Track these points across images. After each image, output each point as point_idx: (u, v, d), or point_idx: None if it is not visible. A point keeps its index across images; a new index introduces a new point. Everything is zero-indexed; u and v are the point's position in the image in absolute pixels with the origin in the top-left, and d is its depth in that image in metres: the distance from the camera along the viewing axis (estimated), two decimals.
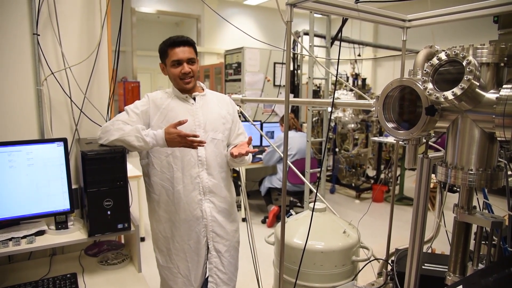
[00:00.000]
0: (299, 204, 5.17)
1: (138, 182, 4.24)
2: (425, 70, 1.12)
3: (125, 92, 11.16)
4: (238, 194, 5.24)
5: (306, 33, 5.27)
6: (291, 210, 2.59)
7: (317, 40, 5.53)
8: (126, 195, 1.87)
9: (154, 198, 2.12)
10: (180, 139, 1.84)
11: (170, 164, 2.05)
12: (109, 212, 1.80)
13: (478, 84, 1.04)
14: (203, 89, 2.18)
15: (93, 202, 1.78)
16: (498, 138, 1.09)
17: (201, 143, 1.87)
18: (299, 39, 6.01)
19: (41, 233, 1.89)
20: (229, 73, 6.57)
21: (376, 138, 6.15)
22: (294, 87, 6.19)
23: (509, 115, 1.02)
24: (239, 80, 6.21)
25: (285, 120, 1.50)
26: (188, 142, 1.84)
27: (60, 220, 1.94)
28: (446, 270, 1.37)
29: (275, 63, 6.18)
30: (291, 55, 6.22)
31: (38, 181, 1.87)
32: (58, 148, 1.90)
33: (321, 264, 1.92)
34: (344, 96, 6.38)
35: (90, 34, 2.25)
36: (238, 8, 13.25)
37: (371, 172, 7.08)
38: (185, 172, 2.05)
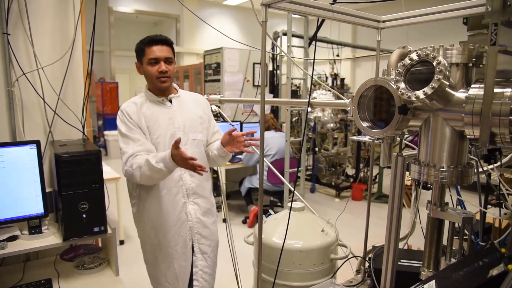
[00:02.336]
0: (279, 204, 5.19)
1: (117, 184, 4.18)
2: (397, 70, 1.15)
3: (103, 93, 10.98)
4: (218, 194, 5.25)
5: (285, 34, 5.29)
6: (270, 210, 2.60)
7: (296, 41, 5.57)
8: (102, 198, 1.84)
9: (139, 204, 2.07)
10: (183, 161, 1.76)
11: None
12: (84, 215, 1.76)
13: (448, 83, 1.06)
14: (177, 90, 2.15)
15: (68, 205, 1.74)
16: (468, 136, 1.12)
17: (201, 169, 1.78)
18: (278, 40, 6.04)
19: (13, 238, 1.84)
20: (209, 73, 6.55)
21: (354, 137, 6.22)
22: (273, 87, 6.21)
23: (477, 114, 1.05)
24: (219, 80, 6.19)
25: (261, 120, 1.50)
26: (189, 165, 1.77)
27: (33, 224, 1.89)
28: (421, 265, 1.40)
29: (254, 63, 6.19)
30: (271, 55, 6.24)
31: (10, 185, 1.81)
32: (31, 150, 1.85)
33: (300, 263, 1.93)
34: (323, 96, 6.43)
35: (64, 33, 2.20)
36: (217, 8, 13.21)
37: (350, 171, 7.17)
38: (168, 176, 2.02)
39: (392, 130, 1.21)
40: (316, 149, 6.75)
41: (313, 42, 4.60)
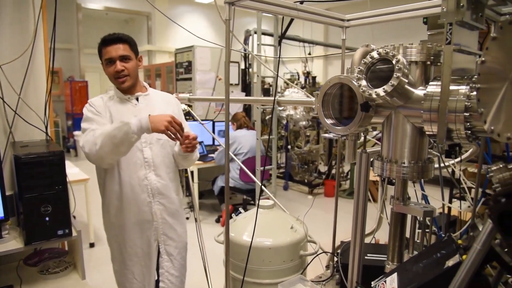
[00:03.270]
0: (252, 202, 5.20)
1: (86, 186, 4.07)
2: (359, 68, 1.16)
3: (72, 92, 10.66)
4: (191, 194, 5.20)
5: (265, 33, 5.29)
6: (240, 208, 2.63)
7: (270, 39, 5.58)
8: (66, 200, 1.79)
9: (105, 202, 2.04)
10: (168, 123, 1.72)
11: (117, 167, 1.98)
12: (47, 218, 1.71)
13: (407, 81, 1.09)
14: (146, 89, 2.12)
15: (29, 208, 1.68)
16: (427, 132, 1.15)
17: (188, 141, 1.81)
18: (250, 38, 6.04)
19: None
20: (180, 72, 6.48)
21: (326, 135, 6.28)
22: (245, 86, 6.21)
23: (435, 111, 1.08)
24: (190, 79, 6.14)
25: (226, 118, 1.49)
26: (173, 130, 1.74)
27: None
28: None
29: None
30: (243, 53, 6.23)
31: None
32: None
33: (269, 260, 1.94)
34: (295, 94, 6.48)
35: (24, 30, 2.12)
36: (189, 6, 13.05)
37: (323, 168, 7.26)
38: (132, 175, 1.99)
39: (355, 127, 1.23)
40: (289, 147, 6.80)
41: (282, 41, 4.61)
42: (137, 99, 2.05)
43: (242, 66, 6.47)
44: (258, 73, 4.23)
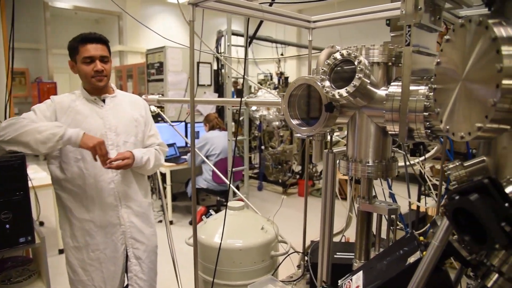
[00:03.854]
0: (225, 203, 5.18)
1: (53, 190, 3.95)
2: (322, 69, 1.18)
3: (40, 94, 10.32)
4: (164, 197, 5.12)
5: (232, 33, 5.26)
6: (210, 210, 2.63)
7: (242, 40, 5.57)
8: (28, 206, 1.73)
9: (66, 205, 1.98)
10: (98, 143, 1.76)
11: (81, 169, 1.93)
12: (7, 226, 1.64)
13: (369, 81, 1.11)
14: (113, 91, 2.09)
15: None
16: (389, 132, 1.18)
17: (108, 164, 1.81)
18: (222, 39, 6.02)
19: None
20: (152, 73, 6.39)
21: (299, 135, 6.35)
22: (218, 87, 6.18)
23: (396, 110, 1.11)
24: (162, 80, 6.06)
25: (191, 120, 1.48)
26: (99, 152, 1.77)
27: None
28: None
29: (199, 63, 6.12)
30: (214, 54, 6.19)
31: None
32: None
33: (240, 262, 1.93)
34: (268, 94, 6.50)
35: None
36: (162, 6, 12.87)
37: (296, 168, 7.31)
38: (98, 178, 1.95)
39: (320, 127, 1.25)
40: (263, 147, 6.82)
41: (255, 42, 4.61)
42: (103, 100, 2.01)
43: (215, 67, 6.44)
44: (229, 74, 4.22)
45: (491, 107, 0.68)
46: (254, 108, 6.18)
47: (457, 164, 0.92)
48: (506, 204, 0.66)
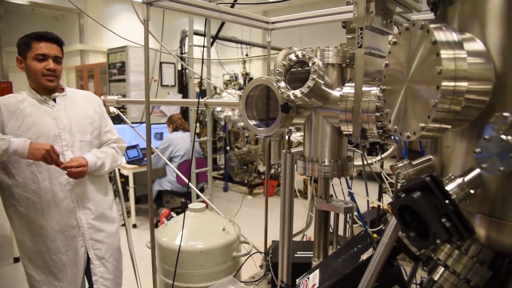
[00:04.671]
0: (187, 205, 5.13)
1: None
2: (278, 70, 1.18)
3: None
4: (127, 199, 5.01)
5: (195, 33, 5.21)
6: (172, 213, 2.62)
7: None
8: None
9: (20, 211, 1.90)
10: (46, 152, 1.71)
11: (34, 173, 1.86)
12: None
13: (323, 82, 1.13)
14: (63, 89, 2.02)
15: None
16: (344, 132, 1.20)
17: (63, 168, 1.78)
18: (186, 39, 5.95)
19: None
20: (113, 73, 6.23)
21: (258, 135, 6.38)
22: (182, 87, 6.11)
23: (350, 111, 1.13)
24: (124, 80, 5.92)
25: (146, 122, 1.45)
26: (49, 159, 1.73)
27: None
28: None
29: (162, 63, 6.02)
30: (178, 54, 6.12)
31: None
32: None
33: (202, 264, 1.92)
34: (233, 95, 6.50)
35: None
36: (125, 4, 12.53)
37: (262, 168, 7.34)
38: (53, 181, 1.88)
39: (277, 128, 1.26)
40: (228, 148, 6.80)
41: (219, 42, 4.59)
42: (54, 100, 1.95)
43: (179, 67, 6.36)
44: (191, 75, 4.18)
45: (432, 108, 0.71)
46: (219, 108, 6.15)
47: (406, 163, 0.96)
48: (447, 201, 0.69)
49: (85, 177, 1.95)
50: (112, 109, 2.62)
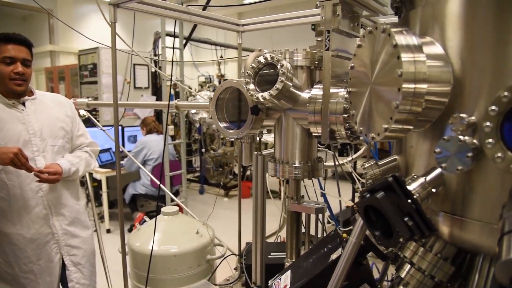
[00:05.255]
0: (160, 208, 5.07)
1: None
2: (247, 73, 1.19)
3: None
4: (100, 204, 4.90)
5: (169, 34, 5.15)
6: (145, 217, 2.58)
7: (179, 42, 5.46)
8: None
9: None
10: (14, 156, 1.65)
11: (3, 181, 1.81)
12: None
13: (291, 84, 1.14)
14: (32, 93, 1.96)
15: None
16: (313, 134, 1.21)
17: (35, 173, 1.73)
18: (159, 40, 5.88)
19: None
20: (85, 74, 6.10)
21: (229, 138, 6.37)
22: (156, 89, 6.04)
23: (318, 113, 1.15)
24: (96, 82, 5.80)
25: (115, 124, 1.43)
26: (18, 163, 1.67)
27: None
28: None
29: (135, 65, 5.92)
30: (151, 55, 6.05)
31: None
32: None
33: (175, 268, 1.90)
34: (203, 97, 6.45)
35: None
36: (96, 5, 12.26)
37: (238, 170, 7.33)
38: (24, 187, 1.83)
39: (247, 130, 1.26)
40: (203, 150, 6.76)
41: (193, 44, 4.55)
42: (23, 104, 1.88)
43: (152, 69, 6.28)
44: (163, 77, 4.13)
45: (394, 109, 0.73)
46: (193, 111, 6.10)
47: (372, 163, 0.97)
48: (409, 201, 0.71)
49: (58, 182, 1.90)
50: (82, 112, 2.56)
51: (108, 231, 4.92)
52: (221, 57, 7.82)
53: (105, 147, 4.88)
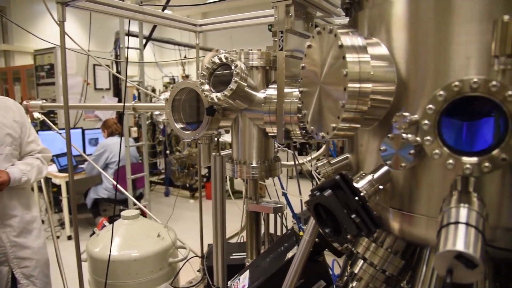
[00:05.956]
0: (120, 212, 4.95)
1: None
2: (201, 73, 1.18)
3: None
4: (61, 210, 4.72)
5: (130, 34, 5.03)
6: (104, 222, 2.51)
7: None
8: None
9: None
10: None
11: None
12: None
13: (246, 85, 1.14)
14: None
15: None
16: (269, 134, 1.22)
17: None
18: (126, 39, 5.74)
19: None
20: (41, 75, 5.86)
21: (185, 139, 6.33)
22: (118, 91, 5.90)
23: (273, 112, 1.15)
24: (54, 83, 5.58)
25: (66, 127, 1.38)
26: None
27: None
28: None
29: (95, 65, 5.75)
30: (113, 56, 5.90)
31: None
32: None
33: (136, 273, 1.85)
34: (159, 98, 6.37)
35: None
36: (54, 3, 11.80)
37: (204, 171, 7.28)
38: None
39: (203, 131, 1.25)
40: (168, 151, 6.66)
41: (155, 44, 4.47)
42: None
43: (114, 70, 6.13)
44: (125, 77, 4.04)
45: (341, 108, 0.74)
46: (157, 112, 6.00)
47: (325, 162, 0.99)
48: (356, 198, 0.72)
49: (3, 192, 1.80)
50: (36, 114, 2.45)
51: (70, 237, 4.75)
52: (185, 57, 7.74)
53: (64, 151, 4.71)
